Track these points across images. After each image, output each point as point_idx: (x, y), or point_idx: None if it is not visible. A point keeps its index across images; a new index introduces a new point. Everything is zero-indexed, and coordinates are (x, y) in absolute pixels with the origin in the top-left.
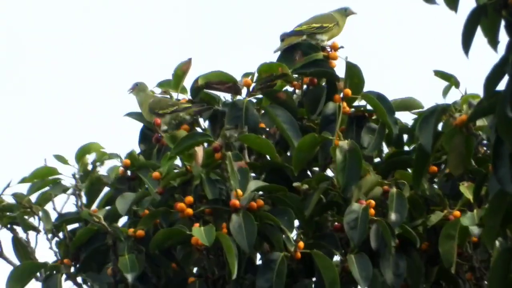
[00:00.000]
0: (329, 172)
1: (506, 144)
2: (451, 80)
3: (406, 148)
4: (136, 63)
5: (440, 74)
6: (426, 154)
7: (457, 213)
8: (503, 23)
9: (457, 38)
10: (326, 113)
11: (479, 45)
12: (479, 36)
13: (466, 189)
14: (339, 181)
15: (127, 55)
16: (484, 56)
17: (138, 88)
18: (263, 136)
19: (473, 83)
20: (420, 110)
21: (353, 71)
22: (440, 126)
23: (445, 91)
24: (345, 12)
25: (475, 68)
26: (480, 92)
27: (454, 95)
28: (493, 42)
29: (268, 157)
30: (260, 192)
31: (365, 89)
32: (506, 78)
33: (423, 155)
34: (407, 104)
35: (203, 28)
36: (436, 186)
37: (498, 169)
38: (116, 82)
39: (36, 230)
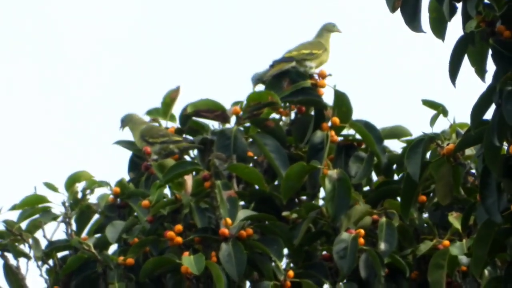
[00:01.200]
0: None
1: (494, 173)
2: (440, 109)
3: (396, 176)
4: (125, 90)
5: (428, 103)
6: (414, 183)
7: (446, 242)
8: (490, 51)
9: (446, 66)
10: (314, 142)
11: (468, 73)
12: (468, 64)
13: (455, 219)
14: (328, 211)
15: (116, 82)
16: (473, 83)
17: (126, 122)
18: (251, 165)
19: (462, 111)
20: (409, 138)
21: (341, 99)
22: (429, 155)
23: (433, 120)
24: (332, 28)
25: (464, 96)
26: (468, 121)
27: (443, 124)
28: (481, 71)
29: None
30: (249, 221)
31: (354, 117)
32: (493, 107)
33: (410, 185)
34: (396, 132)
35: (192, 55)
36: (425, 215)
37: (485, 199)
38: (105, 109)
39: (27, 257)
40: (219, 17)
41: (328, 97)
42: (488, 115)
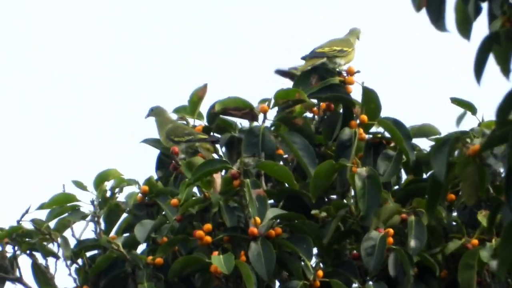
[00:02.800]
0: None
1: None
2: (466, 108)
3: (425, 175)
4: (153, 88)
5: (457, 101)
6: (439, 183)
7: (475, 241)
8: None
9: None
10: (342, 139)
11: (494, 72)
12: (494, 64)
13: (483, 218)
14: (359, 208)
15: (144, 80)
16: (500, 82)
17: (154, 113)
18: (281, 163)
19: (490, 110)
20: (438, 136)
21: (369, 96)
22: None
23: (459, 119)
24: (358, 35)
25: (491, 95)
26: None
27: (472, 122)
28: (506, 70)
29: (286, 184)
30: (278, 220)
31: (383, 115)
32: None
33: (436, 184)
34: (425, 131)
35: (220, 53)
36: (454, 214)
37: (511, 199)
38: (134, 107)
39: (56, 256)
40: (247, 16)
41: (356, 94)
42: None
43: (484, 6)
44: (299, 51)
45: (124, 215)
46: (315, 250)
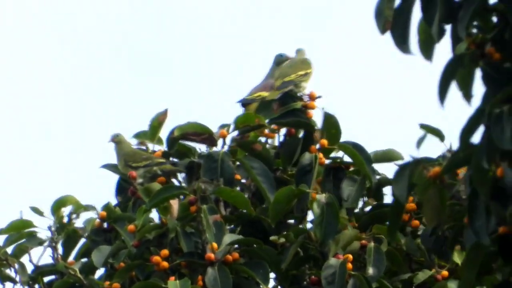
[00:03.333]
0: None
1: (482, 196)
2: (437, 134)
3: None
4: (114, 113)
5: (425, 127)
6: (401, 205)
7: (445, 273)
8: (479, 74)
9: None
10: (302, 164)
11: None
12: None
13: (456, 253)
14: (316, 235)
15: (104, 105)
16: (462, 107)
17: (115, 139)
18: (239, 188)
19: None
20: (401, 161)
21: (330, 121)
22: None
23: (419, 142)
24: (305, 54)
25: (455, 118)
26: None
27: (440, 148)
28: (467, 95)
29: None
30: (236, 245)
31: (344, 139)
32: (481, 129)
33: (397, 207)
34: (388, 156)
35: (179, 78)
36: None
37: (473, 221)
38: (92, 133)
39: (13, 281)
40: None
41: (317, 119)
42: (476, 137)
43: (448, 28)
44: (257, 75)
45: (83, 240)
46: (272, 275)
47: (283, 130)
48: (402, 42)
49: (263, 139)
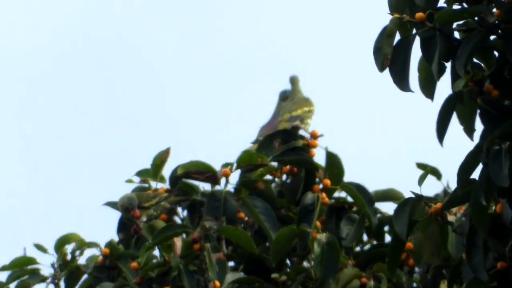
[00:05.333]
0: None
1: (480, 232)
2: (427, 169)
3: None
4: (115, 151)
5: (422, 166)
6: (402, 242)
7: None
8: (478, 111)
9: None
10: (304, 204)
11: (457, 132)
12: (457, 124)
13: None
14: (316, 274)
15: (108, 143)
16: (462, 143)
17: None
18: (242, 226)
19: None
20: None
21: (333, 160)
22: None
23: (421, 180)
24: (299, 83)
25: (453, 155)
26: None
27: (437, 187)
28: (469, 130)
29: None
30: (237, 284)
31: (347, 178)
32: (480, 166)
33: (398, 244)
34: (389, 195)
35: (183, 117)
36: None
37: (472, 258)
38: (96, 170)
39: None
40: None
41: (319, 158)
42: (475, 174)
43: (448, 65)
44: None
45: (85, 276)
46: None
47: (286, 170)
48: (401, 80)
49: (269, 177)
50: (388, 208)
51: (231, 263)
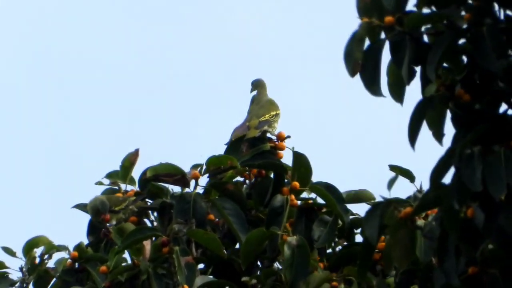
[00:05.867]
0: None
1: (452, 237)
2: (407, 175)
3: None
4: (84, 152)
5: (395, 168)
6: (372, 246)
7: None
8: (449, 115)
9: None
10: (273, 206)
11: (429, 136)
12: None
13: None
14: (286, 277)
15: (76, 144)
16: (433, 147)
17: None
18: (210, 229)
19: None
20: (373, 202)
21: (300, 160)
22: None
23: (391, 183)
24: (264, 84)
25: (425, 159)
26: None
27: (410, 189)
28: (438, 135)
29: None
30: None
31: (315, 179)
32: (452, 170)
33: (368, 248)
34: (361, 196)
35: (152, 118)
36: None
37: (443, 262)
38: (64, 172)
39: None
40: (178, 79)
41: (287, 159)
42: (447, 178)
43: (418, 70)
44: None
45: (54, 280)
46: None
47: (255, 172)
48: (372, 84)
49: (241, 179)
50: (360, 209)
51: (200, 266)
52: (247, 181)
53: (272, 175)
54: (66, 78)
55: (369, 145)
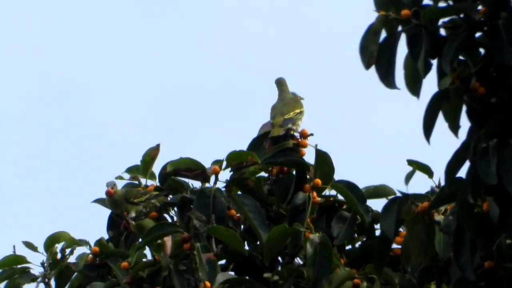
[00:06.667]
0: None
1: (467, 231)
2: (425, 170)
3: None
4: (105, 148)
5: (413, 163)
6: (388, 241)
7: None
8: (464, 108)
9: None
10: (295, 203)
11: (444, 130)
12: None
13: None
14: (309, 275)
15: (95, 140)
16: (449, 140)
17: (114, 188)
18: (231, 224)
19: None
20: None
21: (323, 158)
22: None
23: (408, 178)
24: (285, 82)
25: (440, 152)
26: None
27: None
28: (454, 127)
29: None
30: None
31: (337, 176)
32: (467, 164)
33: (385, 242)
34: (380, 192)
35: (173, 113)
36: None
37: (459, 257)
38: (84, 168)
39: None
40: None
41: (310, 157)
42: (462, 172)
43: (434, 63)
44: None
45: (75, 275)
46: None
47: (277, 169)
48: (386, 77)
49: (265, 175)
50: (380, 205)
51: (221, 262)
52: (269, 176)
53: (294, 173)
54: (88, 72)
55: (389, 140)
